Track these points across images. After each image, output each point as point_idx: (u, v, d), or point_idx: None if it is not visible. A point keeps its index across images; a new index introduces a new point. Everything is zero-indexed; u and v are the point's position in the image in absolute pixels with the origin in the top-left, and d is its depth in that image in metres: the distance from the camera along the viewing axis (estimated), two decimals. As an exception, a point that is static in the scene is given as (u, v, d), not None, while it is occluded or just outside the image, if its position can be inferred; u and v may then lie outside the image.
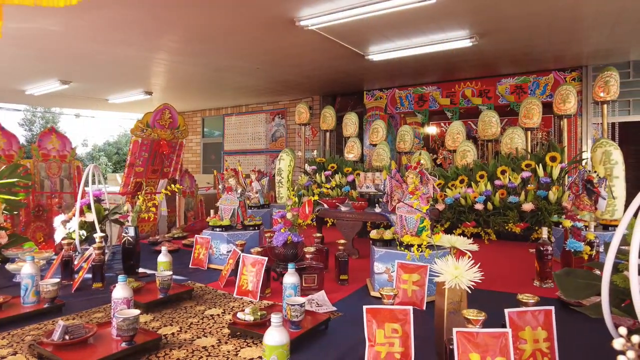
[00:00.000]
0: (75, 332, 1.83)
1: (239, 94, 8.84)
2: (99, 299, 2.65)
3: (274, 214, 3.12)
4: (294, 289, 2.13)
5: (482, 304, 1.95)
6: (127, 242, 3.17)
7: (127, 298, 1.92)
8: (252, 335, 1.99)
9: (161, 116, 5.05)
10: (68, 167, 5.69)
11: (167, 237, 4.70)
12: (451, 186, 5.06)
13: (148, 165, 5.17)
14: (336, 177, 5.87)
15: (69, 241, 3.19)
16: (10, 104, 12.12)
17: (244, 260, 2.72)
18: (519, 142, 5.15)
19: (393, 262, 2.55)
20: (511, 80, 6.87)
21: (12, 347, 1.89)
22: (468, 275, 1.84)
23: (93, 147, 17.67)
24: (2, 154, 4.89)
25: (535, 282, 2.96)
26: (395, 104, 7.97)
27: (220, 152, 10.53)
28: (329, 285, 2.82)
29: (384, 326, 1.77)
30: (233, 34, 4.98)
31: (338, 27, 4.59)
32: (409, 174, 2.63)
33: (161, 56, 5.98)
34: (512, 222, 4.56)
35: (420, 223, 2.58)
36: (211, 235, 3.50)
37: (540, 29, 4.74)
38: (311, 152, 7.13)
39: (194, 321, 2.22)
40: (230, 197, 3.60)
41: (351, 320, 2.27)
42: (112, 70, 6.82)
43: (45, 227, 5.22)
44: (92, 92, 8.83)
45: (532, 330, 1.69)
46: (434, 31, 4.89)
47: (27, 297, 2.36)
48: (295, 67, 6.52)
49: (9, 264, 3.10)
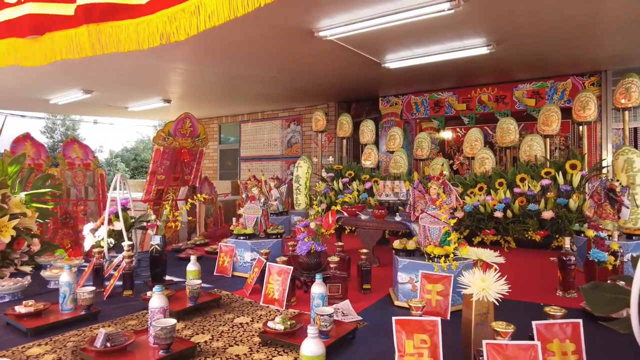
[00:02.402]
0: (116, 340, 1.92)
1: (255, 101, 8.97)
2: (131, 306, 2.74)
3: (297, 223, 3.17)
4: (322, 298, 2.19)
5: (507, 314, 1.99)
6: (155, 250, 3.26)
7: (163, 307, 1.99)
8: (282, 344, 2.05)
9: (182, 125, 5.18)
10: (92, 175, 5.85)
11: (190, 244, 4.80)
12: (470, 194, 5.06)
13: (169, 173, 5.30)
14: (353, 185, 5.91)
15: (99, 249, 3.30)
16: (34, 112, 12.45)
17: (269, 269, 2.79)
18: (537, 150, 5.13)
19: (417, 272, 2.59)
20: (528, 85, 6.85)
21: (55, 352, 1.99)
22: (495, 288, 1.87)
23: (110, 153, 18.01)
24: (32, 162, 5.06)
25: (558, 292, 2.96)
26: (411, 109, 8.00)
27: (237, 158, 10.67)
28: (352, 294, 2.87)
29: (412, 337, 1.81)
30: (251, 44, 5.09)
31: (355, 36, 4.66)
32: (432, 184, 2.67)
33: (179, 65, 6.12)
34: (532, 230, 4.55)
35: (444, 234, 2.61)
36: (235, 244, 3.58)
37: (557, 35, 4.74)
38: (327, 159, 7.19)
39: (224, 329, 2.29)
40: (254, 206, 3.68)
41: (377, 329, 2.31)
42: (132, 79, 7.00)
43: (72, 234, 5.38)
44: (113, 101, 9.05)
45: (560, 342, 1.71)
46: (451, 39, 4.93)
47: (65, 304, 2.46)
48: (311, 75, 6.61)
49: (44, 271, 3.22)
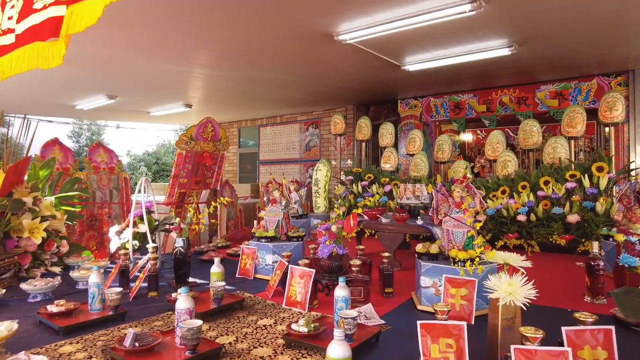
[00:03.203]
0: (144, 340, 1.96)
1: (274, 105, 9.05)
2: (156, 307, 2.79)
3: (317, 226, 3.19)
4: (345, 302, 2.19)
5: (534, 320, 1.95)
6: (179, 252, 3.32)
7: (189, 309, 2.03)
8: (306, 346, 2.06)
9: (204, 129, 5.26)
10: (117, 179, 5.99)
11: (212, 247, 4.86)
12: (492, 197, 4.99)
13: (191, 176, 5.38)
14: (373, 188, 5.90)
15: (125, 251, 3.38)
16: (61, 118, 12.85)
17: (292, 271, 2.81)
18: (562, 152, 5.03)
19: (440, 276, 2.57)
20: (551, 86, 6.72)
21: (86, 351, 2.04)
22: (522, 292, 1.85)
23: (133, 157, 18.41)
24: (60, 167, 5.22)
25: (586, 297, 2.89)
26: (431, 112, 7.94)
27: (256, 161, 10.77)
28: (374, 297, 2.86)
29: (438, 341, 1.80)
30: (271, 49, 5.15)
31: (375, 39, 4.66)
32: (455, 187, 2.65)
33: (200, 70, 6.23)
34: (557, 234, 4.45)
35: (467, 237, 2.59)
36: (257, 246, 3.61)
37: (581, 35, 4.64)
38: (345, 162, 7.19)
39: (248, 331, 2.32)
40: (275, 209, 3.71)
41: (401, 333, 2.30)
42: (154, 85, 7.16)
43: (97, 236, 5.52)
44: (136, 106, 9.27)
45: (592, 349, 1.67)
46: (471, 41, 4.88)
47: (94, 305, 2.53)
48: (330, 78, 6.63)
49: (72, 272, 3.31)
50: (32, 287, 2.88)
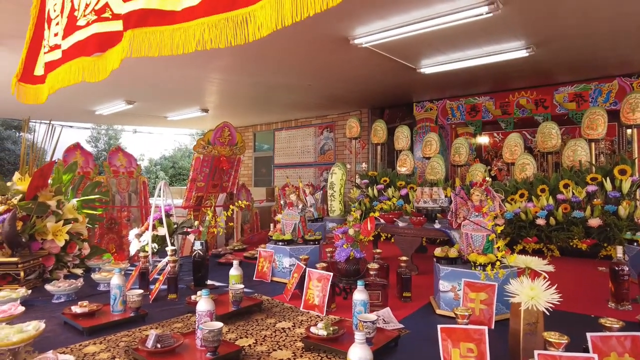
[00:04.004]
0: (166, 341, 1.99)
1: (289, 109, 9.10)
2: (175, 309, 2.83)
3: (332, 229, 3.19)
4: (364, 305, 2.19)
5: (557, 325, 1.92)
6: (197, 255, 3.36)
7: (210, 311, 2.05)
8: (325, 349, 2.06)
9: (221, 134, 5.33)
10: (135, 183, 6.11)
11: (229, 250, 4.90)
12: (510, 200, 4.92)
13: (209, 180, 5.46)
14: (389, 191, 5.88)
15: (144, 254, 3.43)
16: (80, 123, 13.15)
17: (309, 275, 2.82)
18: (582, 155, 4.94)
19: (459, 281, 2.55)
20: (570, 88, 6.61)
21: (109, 351, 2.08)
22: (545, 297, 1.82)
23: (150, 161, 18.70)
24: (81, 170, 5.34)
25: (610, 303, 2.83)
26: (446, 114, 7.88)
27: (271, 165, 10.83)
28: (392, 302, 2.84)
29: (459, 345, 1.79)
30: (286, 53, 5.18)
31: (390, 43, 4.66)
32: (474, 191, 2.63)
33: (216, 75, 6.31)
34: (578, 238, 4.37)
35: (487, 241, 2.56)
36: (274, 249, 3.63)
37: (602, 36, 4.55)
38: (360, 166, 7.18)
39: (267, 334, 2.33)
40: (292, 212, 3.73)
41: (420, 337, 2.28)
42: (171, 90, 7.28)
43: (116, 238, 5.63)
44: (153, 111, 9.43)
45: (618, 356, 1.64)
46: (488, 43, 4.84)
47: (116, 306, 2.58)
48: (345, 82, 6.65)
49: (94, 274, 3.38)
50: (56, 289, 2.95)
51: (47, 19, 2.64)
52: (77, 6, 2.27)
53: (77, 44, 2.24)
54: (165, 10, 1.88)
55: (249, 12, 1.66)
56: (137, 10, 1.92)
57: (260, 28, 1.61)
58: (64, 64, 2.37)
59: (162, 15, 1.88)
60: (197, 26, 1.82)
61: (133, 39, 1.95)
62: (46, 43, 2.64)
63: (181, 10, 1.85)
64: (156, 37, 1.92)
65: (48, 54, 2.59)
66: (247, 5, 1.64)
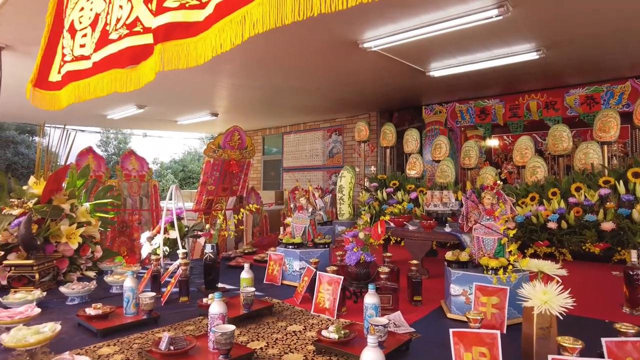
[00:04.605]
0: (179, 343, 2.01)
1: (297, 112, 9.14)
2: (187, 312, 2.85)
3: (341, 233, 3.20)
4: (375, 309, 2.19)
5: (570, 330, 1.90)
6: (209, 258, 3.38)
7: (222, 314, 2.07)
8: (336, 352, 2.06)
9: (231, 138, 5.37)
10: (146, 186, 6.16)
11: (239, 253, 4.93)
12: (521, 204, 4.88)
13: (219, 183, 5.49)
14: (398, 194, 5.86)
15: (156, 257, 3.47)
16: (91, 127, 13.32)
17: (320, 278, 2.82)
18: (594, 157, 4.88)
19: (470, 285, 2.54)
20: (581, 90, 6.55)
21: (123, 353, 2.11)
22: (558, 301, 1.81)
23: (160, 164, 18.87)
24: (93, 174, 5.41)
25: (624, 308, 2.79)
26: (456, 117, 7.85)
27: (280, 169, 10.87)
28: (402, 306, 2.84)
29: (471, 349, 1.78)
30: (295, 57, 5.21)
31: (400, 46, 4.66)
32: (486, 194, 2.62)
33: (226, 80, 6.36)
34: (590, 242, 4.31)
35: (498, 245, 2.55)
36: (284, 252, 3.65)
37: (614, 37, 4.51)
38: (369, 169, 7.18)
39: (278, 337, 2.34)
40: (302, 216, 3.74)
41: (431, 341, 2.28)
42: (182, 94, 7.36)
43: (128, 242, 5.68)
44: (164, 115, 9.53)
45: (634, 362, 1.62)
46: (498, 46, 4.83)
47: (129, 308, 2.61)
48: (353, 85, 6.66)
49: (106, 277, 3.42)
50: (70, 291, 3.00)
51: (71, 28, 2.70)
52: (108, 20, 2.35)
53: (110, 57, 2.32)
54: (190, 22, 1.94)
55: (246, 11, 1.71)
56: (165, 24, 1.99)
57: (256, 25, 1.65)
58: (94, 75, 2.45)
59: (187, 27, 1.95)
60: (212, 33, 1.87)
61: (164, 52, 2.03)
62: (68, 52, 2.70)
63: (203, 20, 1.91)
64: (183, 49, 2.00)
65: (71, 63, 2.66)
66: (245, 4, 1.69)
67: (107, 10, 2.35)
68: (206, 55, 1.93)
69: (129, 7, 2.18)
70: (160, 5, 1.98)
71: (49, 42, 3.18)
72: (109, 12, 2.32)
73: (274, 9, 1.62)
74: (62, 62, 2.78)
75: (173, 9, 1.94)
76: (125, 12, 2.18)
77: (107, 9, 2.35)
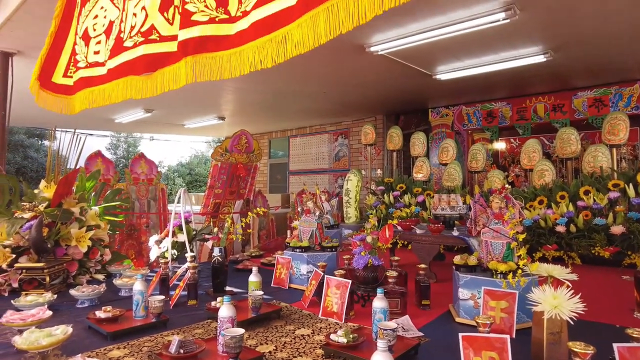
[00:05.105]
0: (188, 347, 2.02)
1: (304, 116, 9.17)
2: (195, 315, 2.86)
3: (348, 236, 3.20)
4: (384, 313, 2.19)
5: (581, 335, 1.88)
6: (217, 261, 3.40)
7: (231, 317, 2.08)
8: (345, 356, 2.07)
9: (238, 141, 5.41)
10: (154, 190, 6.22)
11: (246, 256, 4.95)
12: (529, 207, 4.85)
13: (226, 187, 5.52)
14: (405, 198, 5.85)
15: (165, 260, 3.49)
16: (100, 131, 13.45)
17: (328, 282, 2.83)
18: (603, 160, 4.85)
19: (479, 289, 2.52)
20: (589, 92, 6.50)
21: (133, 356, 2.13)
22: (569, 306, 1.80)
23: (168, 168, 19.00)
24: (102, 178, 5.47)
25: (636, 313, 2.76)
26: (463, 120, 7.83)
27: (286, 172, 10.90)
28: (410, 310, 2.83)
29: (481, 354, 1.78)
30: (302, 61, 5.21)
31: (406, 50, 4.67)
32: (494, 198, 2.61)
33: (233, 84, 6.39)
34: (600, 245, 4.28)
35: (507, 249, 2.54)
36: (291, 256, 3.66)
37: (622, 39, 4.48)
38: (376, 172, 7.18)
39: (287, 340, 2.35)
40: (309, 219, 3.75)
41: (440, 346, 2.27)
42: (189, 98, 7.41)
43: (135, 245, 5.72)
44: (171, 118, 9.60)
45: (646, 367, 1.61)
46: (505, 49, 4.82)
47: (138, 311, 2.62)
48: (360, 89, 6.67)
49: (115, 280, 3.45)
50: (80, 294, 3.02)
51: (85, 35, 2.75)
52: (122, 28, 2.40)
53: (126, 64, 2.36)
54: (221, 36, 1.99)
55: (287, 32, 1.77)
56: (196, 38, 2.04)
57: (298, 46, 1.71)
58: (110, 81, 2.49)
59: (218, 40, 2.00)
60: (250, 49, 1.94)
61: (195, 65, 2.09)
62: (82, 58, 2.75)
63: (234, 34, 1.95)
64: (216, 62, 2.06)
65: (85, 69, 2.71)
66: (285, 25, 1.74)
67: (121, 18, 2.39)
68: (242, 69, 2.00)
69: (143, 15, 2.22)
70: (187, 19, 2.03)
71: (54, 42, 3.24)
72: (123, 19, 2.36)
73: (310, 31, 1.73)
74: (75, 67, 2.82)
75: (203, 22, 2.00)
76: (140, 20, 2.22)
77: (121, 17, 2.39)
